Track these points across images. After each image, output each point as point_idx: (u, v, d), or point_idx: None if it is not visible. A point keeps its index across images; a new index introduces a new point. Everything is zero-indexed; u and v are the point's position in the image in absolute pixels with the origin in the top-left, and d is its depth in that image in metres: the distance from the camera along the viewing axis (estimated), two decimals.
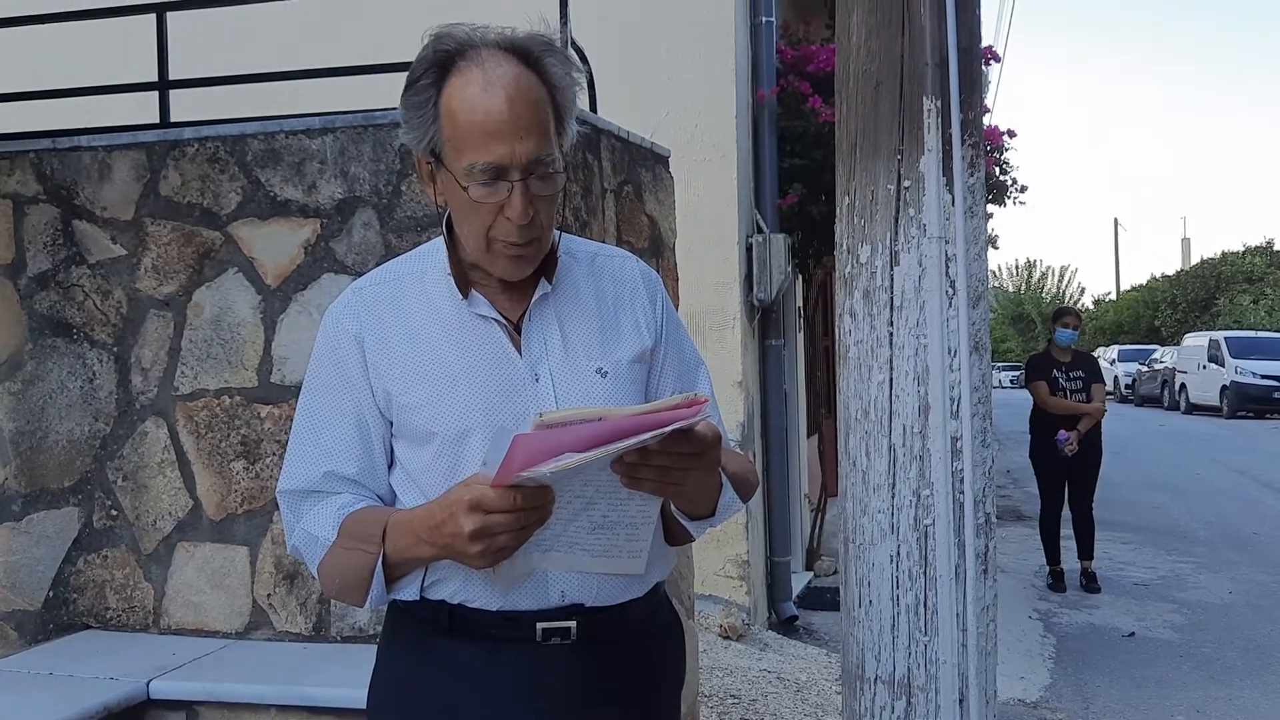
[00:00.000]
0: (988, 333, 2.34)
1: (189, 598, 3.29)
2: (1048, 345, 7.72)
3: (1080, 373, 7.33)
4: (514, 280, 1.50)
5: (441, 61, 1.43)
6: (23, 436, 3.41)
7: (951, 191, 2.23)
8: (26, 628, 3.35)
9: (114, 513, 3.37)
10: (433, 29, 1.46)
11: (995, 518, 2.33)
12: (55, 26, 4.05)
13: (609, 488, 1.33)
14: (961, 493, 2.22)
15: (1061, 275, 54.53)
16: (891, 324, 2.27)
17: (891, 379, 2.26)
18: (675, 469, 1.32)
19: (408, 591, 1.48)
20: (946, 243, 2.22)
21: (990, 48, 7.36)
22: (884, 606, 2.27)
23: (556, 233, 1.55)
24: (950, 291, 2.23)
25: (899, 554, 2.26)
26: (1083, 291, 54.23)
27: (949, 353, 2.22)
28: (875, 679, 2.29)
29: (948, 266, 2.23)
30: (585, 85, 3.48)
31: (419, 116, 1.44)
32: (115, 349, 3.38)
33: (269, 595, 3.22)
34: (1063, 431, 7.27)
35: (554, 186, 1.45)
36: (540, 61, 1.44)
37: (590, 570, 1.45)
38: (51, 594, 3.37)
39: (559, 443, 1.23)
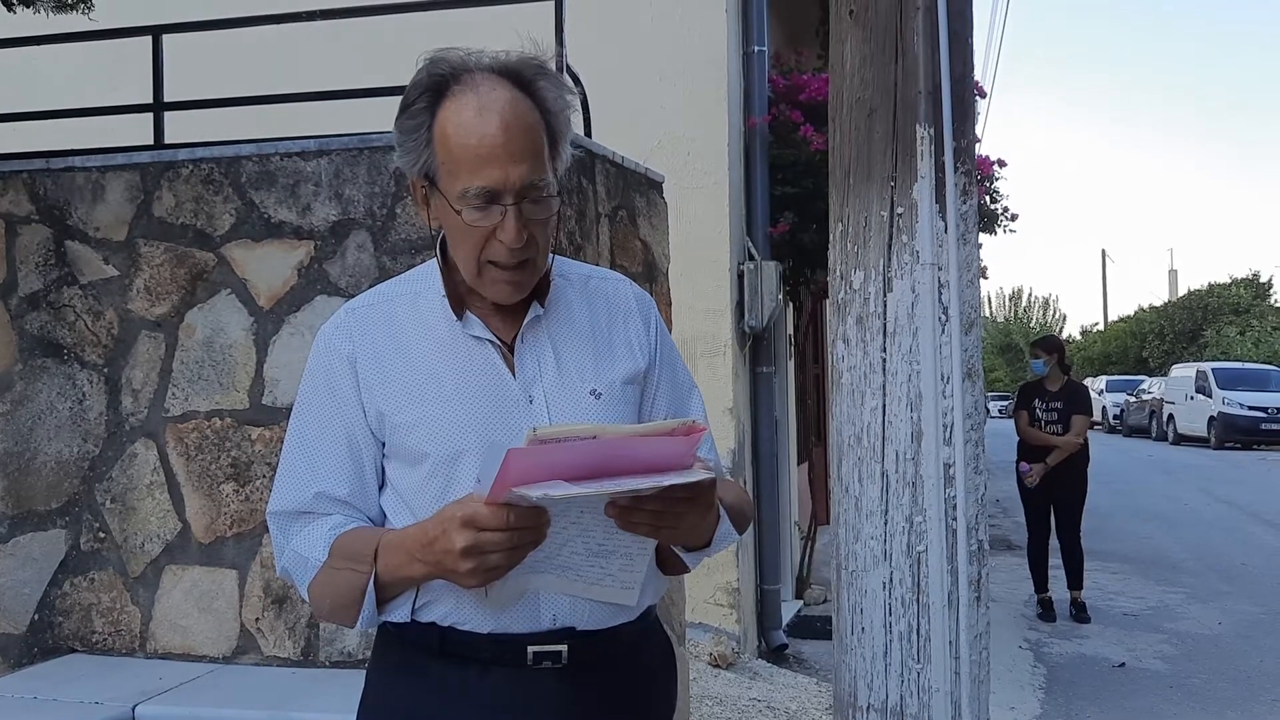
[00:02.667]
0: (980, 359, 2.35)
1: (176, 621, 3.26)
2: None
3: (1058, 404, 7.31)
4: (506, 303, 1.50)
5: (436, 85, 1.43)
6: (10, 457, 3.38)
7: (944, 219, 2.24)
8: (11, 651, 3.32)
9: (101, 535, 3.34)
10: (427, 53, 1.46)
11: (988, 545, 2.33)
12: (50, 47, 4.06)
13: (606, 516, 1.33)
14: (954, 519, 2.22)
15: (1045, 305, 54.79)
16: (885, 350, 2.27)
17: (884, 405, 2.27)
18: (669, 513, 1.32)
19: (399, 613, 1.47)
20: (939, 269, 2.24)
21: (977, 82, 7.42)
22: (876, 634, 2.27)
23: (551, 255, 1.55)
24: (943, 318, 2.24)
25: (892, 581, 2.26)
26: (1064, 320, 54.44)
27: (942, 379, 2.23)
28: (868, 707, 2.28)
29: (941, 293, 2.24)
30: (579, 108, 3.50)
31: (413, 140, 1.45)
32: (106, 370, 3.37)
33: (257, 619, 3.20)
34: (1024, 463, 7.30)
35: (548, 210, 1.45)
36: (533, 85, 1.45)
37: (581, 595, 1.45)
38: (37, 617, 3.34)
39: (552, 461, 1.23)
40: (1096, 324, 51.87)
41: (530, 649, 1.45)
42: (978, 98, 7.35)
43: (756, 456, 6.59)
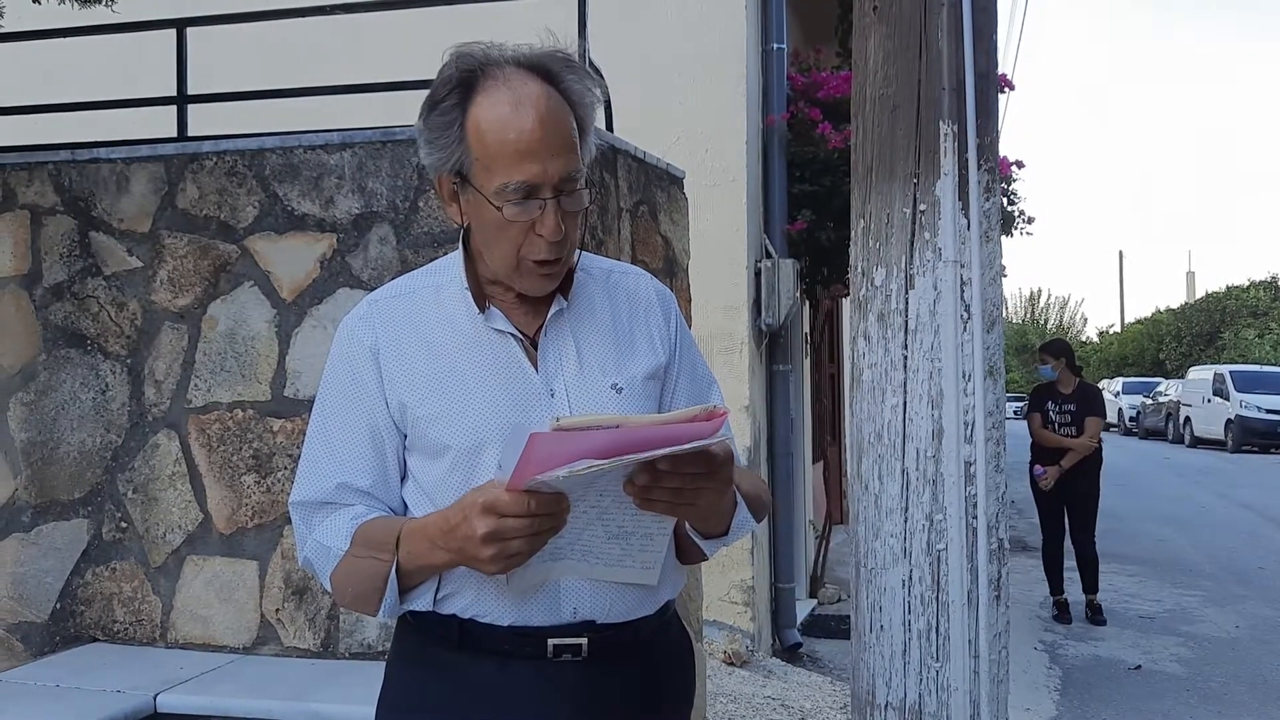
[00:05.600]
0: (1002, 358, 2.34)
1: (197, 611, 3.28)
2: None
3: (1072, 406, 7.28)
4: (539, 296, 1.50)
5: (465, 80, 1.43)
6: (34, 447, 3.41)
7: (967, 216, 2.24)
8: (33, 639, 3.35)
9: (123, 525, 3.37)
10: (452, 48, 1.45)
11: (1007, 544, 2.32)
12: (75, 40, 4.08)
13: (624, 497, 1.33)
14: (975, 518, 2.22)
15: (1064, 306, 54.61)
16: (906, 347, 2.27)
17: (905, 402, 2.26)
18: (687, 489, 1.31)
19: (421, 602, 1.47)
20: (962, 267, 2.23)
21: (1004, 75, 7.39)
22: (895, 632, 2.26)
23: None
24: (965, 315, 2.23)
25: (911, 579, 2.25)
26: (1085, 322, 54.20)
27: (963, 377, 2.22)
28: (886, 705, 2.28)
29: (963, 291, 2.23)
30: (603, 101, 3.50)
31: (444, 137, 1.44)
32: (129, 361, 3.39)
33: (277, 610, 3.21)
34: (1038, 466, 7.27)
35: (582, 202, 1.45)
36: (561, 78, 1.45)
37: (603, 578, 1.45)
38: (59, 606, 3.37)
39: (575, 448, 1.23)
40: (1113, 326, 51.66)
41: (550, 642, 1.46)
42: (1009, 90, 7.33)
43: (772, 454, 6.58)
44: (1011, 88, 7.39)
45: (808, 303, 7.54)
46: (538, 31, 1.51)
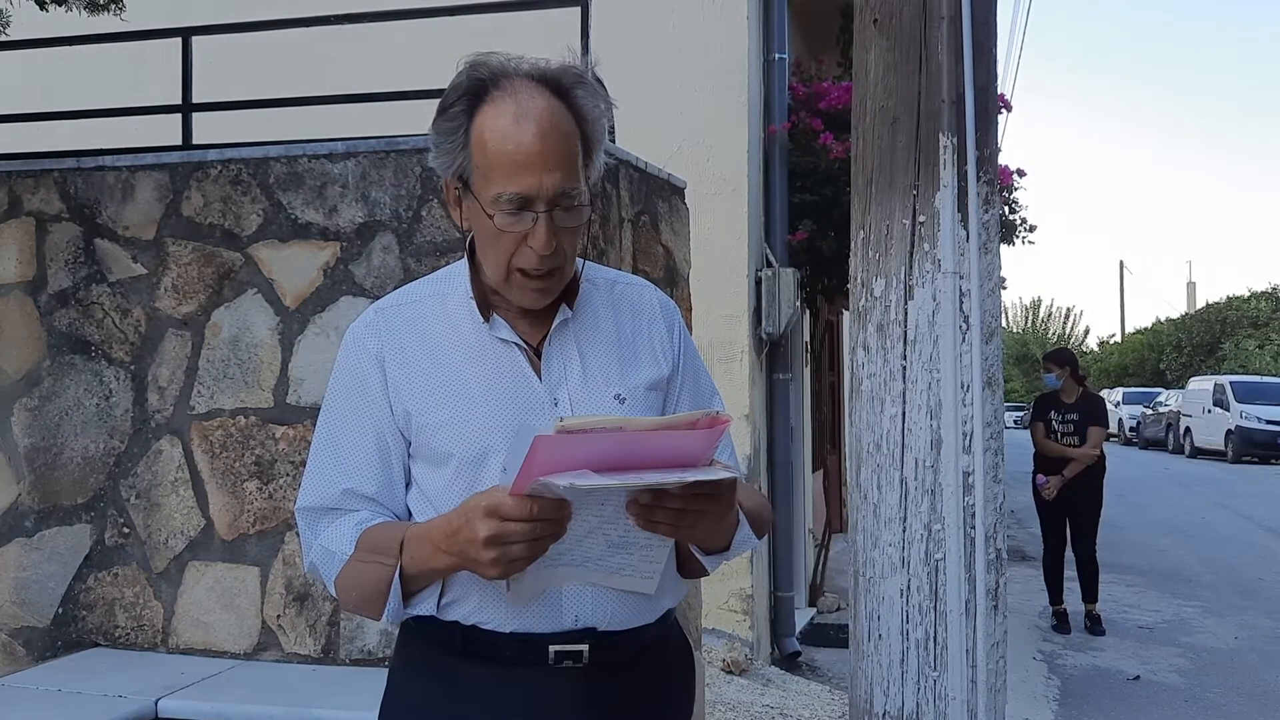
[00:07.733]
0: (1000, 368, 2.35)
1: (198, 617, 3.29)
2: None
3: (1075, 415, 7.29)
4: (533, 309, 1.52)
5: (474, 89, 1.44)
6: (38, 453, 3.43)
7: (966, 227, 2.25)
8: (35, 644, 3.36)
9: (126, 530, 3.38)
10: (468, 57, 1.47)
11: (1005, 554, 2.33)
12: (81, 48, 4.11)
13: (627, 513, 1.35)
14: (973, 528, 2.23)
15: (1067, 316, 54.62)
16: (905, 358, 2.28)
17: (904, 413, 2.28)
18: (690, 511, 1.33)
19: (424, 607, 1.48)
20: (961, 278, 2.25)
21: (1002, 95, 7.41)
22: (893, 641, 2.27)
23: (579, 261, 1.57)
24: (964, 326, 2.24)
25: (909, 588, 2.26)
26: (1087, 333, 54.20)
27: (962, 387, 2.24)
28: (884, 714, 2.29)
29: (962, 302, 2.25)
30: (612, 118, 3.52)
31: (449, 142, 1.46)
32: (133, 367, 3.41)
33: (279, 616, 3.23)
34: (1040, 476, 7.28)
35: (578, 218, 1.46)
36: (571, 93, 1.46)
37: (601, 584, 1.46)
38: (61, 611, 3.38)
39: (577, 452, 1.25)
40: (1114, 336, 51.65)
41: (552, 648, 1.47)
42: (1006, 111, 7.37)
43: (772, 463, 6.59)
44: (1009, 109, 7.41)
45: (808, 311, 7.56)
46: (543, 42, 1.53)
